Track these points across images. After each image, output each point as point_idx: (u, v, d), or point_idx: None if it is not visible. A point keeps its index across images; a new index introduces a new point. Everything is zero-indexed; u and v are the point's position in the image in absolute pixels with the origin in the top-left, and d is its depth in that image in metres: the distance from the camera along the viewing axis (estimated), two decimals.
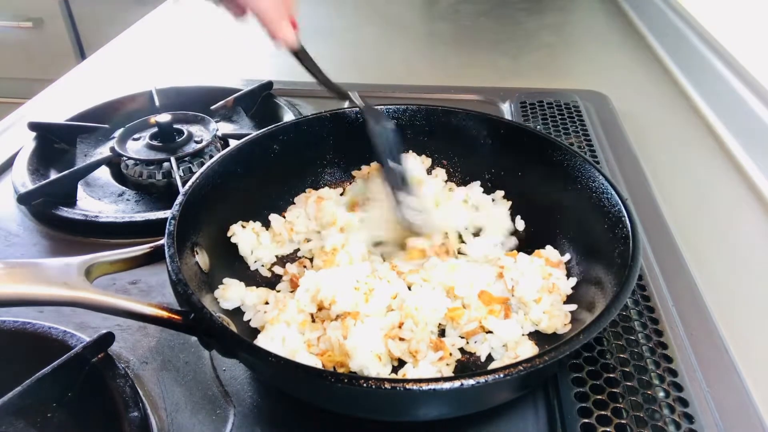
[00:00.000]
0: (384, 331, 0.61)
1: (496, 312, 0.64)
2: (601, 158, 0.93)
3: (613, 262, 0.61)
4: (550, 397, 0.58)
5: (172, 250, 0.57)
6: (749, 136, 0.96)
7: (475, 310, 0.64)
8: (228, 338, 0.50)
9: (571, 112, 1.06)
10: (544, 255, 0.70)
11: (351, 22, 1.62)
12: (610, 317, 0.51)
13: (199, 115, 1.03)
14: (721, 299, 0.70)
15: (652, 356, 0.61)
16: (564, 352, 0.48)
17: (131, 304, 0.54)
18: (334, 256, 0.69)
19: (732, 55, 1.08)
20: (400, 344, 0.61)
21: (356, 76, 1.27)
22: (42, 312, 0.67)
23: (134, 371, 0.62)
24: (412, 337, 0.61)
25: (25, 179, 0.89)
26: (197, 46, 1.49)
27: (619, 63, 1.36)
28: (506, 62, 1.36)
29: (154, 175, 0.92)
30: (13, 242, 0.82)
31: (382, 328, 0.62)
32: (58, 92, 1.25)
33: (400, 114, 0.84)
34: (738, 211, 0.87)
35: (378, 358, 0.59)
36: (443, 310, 0.64)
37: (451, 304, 0.65)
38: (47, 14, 2.20)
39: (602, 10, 1.66)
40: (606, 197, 0.66)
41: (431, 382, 0.45)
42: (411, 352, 0.60)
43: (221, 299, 0.65)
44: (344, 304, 0.63)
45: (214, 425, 0.57)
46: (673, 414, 0.55)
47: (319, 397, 0.54)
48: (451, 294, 0.66)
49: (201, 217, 0.67)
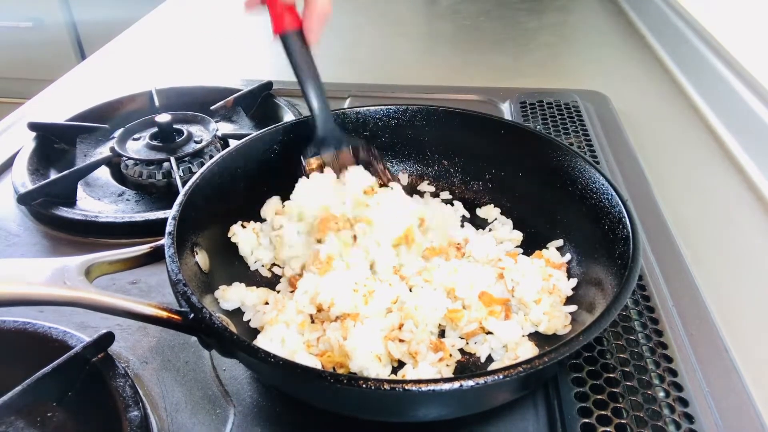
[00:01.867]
0: (384, 333, 0.61)
1: (497, 313, 0.64)
2: (600, 158, 0.93)
3: (613, 263, 0.61)
4: (550, 397, 0.58)
5: (172, 250, 0.57)
6: (749, 136, 0.96)
7: (476, 311, 0.64)
8: (227, 338, 0.50)
9: (571, 112, 1.06)
10: (545, 256, 0.70)
11: (351, 22, 1.62)
12: (610, 318, 0.51)
13: (199, 115, 1.03)
14: (721, 299, 0.70)
15: (652, 356, 0.61)
16: (564, 353, 0.48)
17: (131, 304, 0.54)
18: (329, 264, 0.67)
19: (732, 55, 1.08)
20: (400, 345, 0.61)
21: (356, 76, 1.27)
22: (42, 312, 0.67)
23: (134, 371, 0.62)
24: (412, 338, 0.61)
25: (25, 179, 0.89)
26: (197, 46, 1.49)
27: (619, 63, 1.36)
28: (506, 62, 1.36)
29: (154, 175, 0.92)
30: (13, 242, 0.82)
31: (382, 329, 0.61)
32: (58, 92, 1.25)
33: (400, 114, 0.84)
34: (738, 211, 0.87)
35: (378, 359, 0.59)
36: (443, 310, 0.64)
37: (452, 305, 0.65)
38: (47, 14, 2.20)
39: (602, 10, 1.66)
40: (606, 198, 0.66)
41: (430, 383, 0.45)
42: (411, 353, 0.60)
43: (221, 299, 0.65)
44: (343, 306, 0.62)
45: (214, 425, 0.57)
46: (673, 414, 0.55)
47: (319, 397, 0.54)
48: (452, 295, 0.66)
49: (201, 218, 0.67)
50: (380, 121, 0.85)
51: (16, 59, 2.28)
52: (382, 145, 0.86)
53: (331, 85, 1.22)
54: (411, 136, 0.85)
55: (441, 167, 0.86)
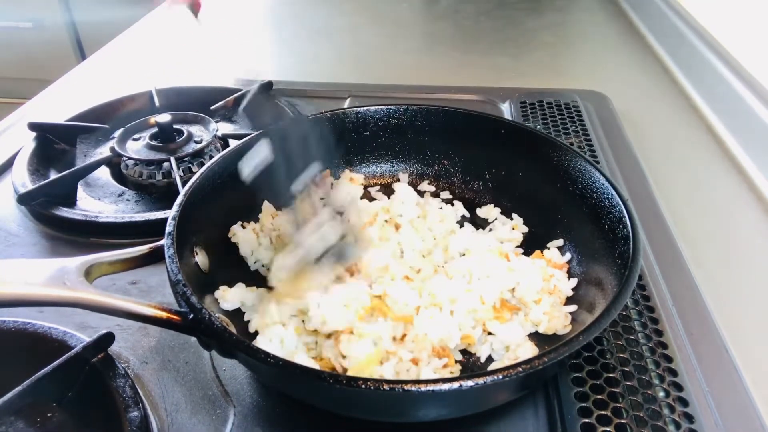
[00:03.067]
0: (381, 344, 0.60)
1: (504, 319, 0.64)
2: (600, 158, 0.93)
3: (613, 263, 0.61)
4: (550, 397, 0.58)
5: (171, 250, 0.57)
6: (749, 136, 0.96)
7: (483, 312, 0.63)
8: (227, 339, 0.50)
9: (571, 112, 1.06)
10: (547, 256, 0.70)
11: (351, 22, 1.62)
12: (610, 318, 0.51)
13: (199, 115, 1.03)
14: (721, 299, 0.70)
15: (652, 356, 0.60)
16: (563, 353, 0.48)
17: (131, 305, 0.54)
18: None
19: (732, 55, 1.08)
20: (399, 365, 0.59)
21: (356, 76, 1.27)
22: (42, 312, 0.67)
23: (134, 371, 0.62)
24: (414, 348, 0.60)
25: (25, 179, 0.89)
26: (197, 46, 1.49)
27: (619, 63, 1.36)
28: (506, 62, 1.36)
29: (154, 175, 0.92)
30: (13, 242, 0.82)
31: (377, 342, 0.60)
32: (58, 92, 1.25)
33: (400, 114, 0.84)
34: (738, 210, 0.87)
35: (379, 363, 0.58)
36: (456, 338, 0.61)
37: (464, 331, 0.62)
38: (47, 14, 2.20)
39: (602, 10, 1.66)
40: (607, 198, 0.66)
41: (430, 384, 0.45)
42: (412, 361, 0.59)
43: (221, 300, 0.65)
44: (335, 324, 0.60)
45: (214, 425, 0.57)
46: (673, 414, 0.55)
47: (318, 398, 0.54)
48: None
49: (201, 218, 0.67)
50: (381, 121, 0.85)
51: (16, 59, 2.28)
52: (383, 144, 0.86)
53: (331, 85, 1.23)
54: (411, 136, 0.85)
55: (441, 167, 0.86)
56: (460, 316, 0.62)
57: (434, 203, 0.81)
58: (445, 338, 0.60)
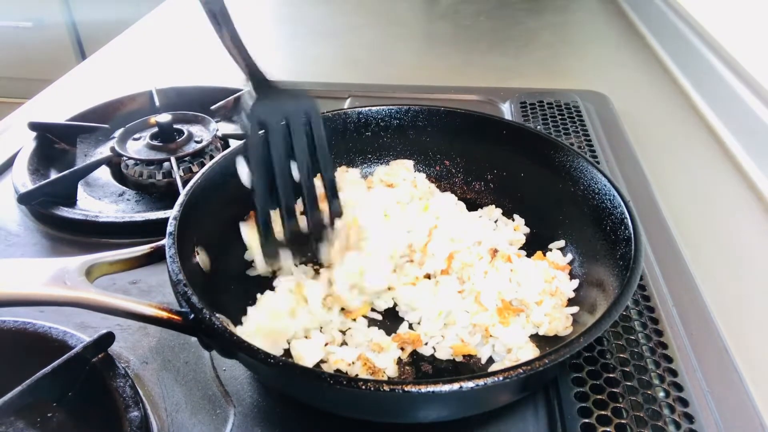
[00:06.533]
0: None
1: (507, 322, 0.64)
2: (601, 158, 0.93)
3: (614, 264, 0.61)
4: (550, 397, 0.58)
5: (173, 250, 0.57)
6: (749, 136, 0.96)
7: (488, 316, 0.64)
8: (227, 339, 0.50)
9: (571, 112, 1.06)
10: (549, 258, 0.70)
11: (351, 22, 1.62)
12: (611, 320, 0.51)
13: (199, 115, 1.03)
14: (721, 299, 0.70)
15: (652, 356, 0.60)
16: (564, 355, 0.48)
17: (131, 305, 0.54)
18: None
19: (732, 55, 1.08)
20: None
21: (356, 76, 1.27)
22: (42, 312, 0.67)
23: (134, 371, 0.62)
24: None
25: (25, 179, 0.89)
26: (198, 46, 1.49)
27: (619, 63, 1.36)
28: (506, 62, 1.36)
29: (154, 175, 0.92)
30: (13, 242, 0.82)
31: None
32: (58, 92, 1.25)
33: (402, 114, 0.84)
34: (738, 211, 0.87)
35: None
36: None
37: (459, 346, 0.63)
38: (47, 14, 2.20)
39: (602, 10, 1.66)
40: (608, 198, 0.66)
41: (430, 385, 0.45)
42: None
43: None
44: (312, 358, 0.61)
45: (214, 425, 0.57)
46: (673, 414, 0.55)
47: (318, 398, 0.54)
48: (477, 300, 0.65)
49: (202, 218, 0.67)
50: (382, 122, 0.85)
51: (16, 59, 2.29)
52: (384, 145, 0.86)
53: (332, 85, 1.23)
54: (413, 136, 0.85)
55: (443, 167, 0.86)
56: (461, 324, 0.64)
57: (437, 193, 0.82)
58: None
